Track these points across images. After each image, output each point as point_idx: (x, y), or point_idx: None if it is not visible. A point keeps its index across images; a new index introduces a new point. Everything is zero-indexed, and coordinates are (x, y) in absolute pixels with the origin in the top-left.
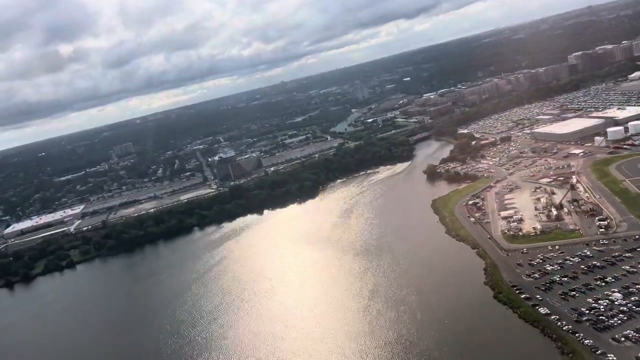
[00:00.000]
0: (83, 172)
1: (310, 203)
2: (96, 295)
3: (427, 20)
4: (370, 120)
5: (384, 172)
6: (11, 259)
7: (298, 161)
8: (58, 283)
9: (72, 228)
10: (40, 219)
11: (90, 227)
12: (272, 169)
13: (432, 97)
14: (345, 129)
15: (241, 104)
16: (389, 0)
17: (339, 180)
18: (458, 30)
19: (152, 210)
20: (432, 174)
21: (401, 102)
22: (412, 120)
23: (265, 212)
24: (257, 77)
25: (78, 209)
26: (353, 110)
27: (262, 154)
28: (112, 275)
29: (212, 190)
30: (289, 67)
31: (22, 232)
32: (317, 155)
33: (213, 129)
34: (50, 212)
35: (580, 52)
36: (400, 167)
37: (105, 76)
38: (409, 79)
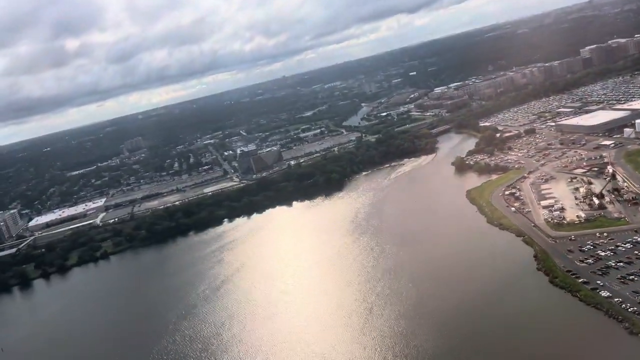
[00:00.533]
0: (95, 167)
1: (339, 194)
2: (139, 285)
3: (427, 15)
4: (384, 114)
5: (409, 164)
6: (43, 250)
7: (318, 154)
8: (95, 274)
9: (98, 220)
10: (63, 212)
11: (116, 219)
12: (292, 162)
13: (446, 90)
14: (359, 123)
15: (245, 99)
16: None
17: (363, 173)
18: (458, 25)
19: (177, 202)
20: (461, 166)
21: (412, 96)
22: (428, 114)
23: (294, 203)
24: (256, 72)
25: (100, 202)
26: (363, 104)
27: (279, 147)
28: (150, 266)
29: (235, 183)
30: (289, 62)
31: (48, 225)
32: (336, 149)
33: (221, 124)
34: (71, 206)
35: (594, 46)
36: (425, 159)
37: (107, 71)
38: (414, 73)
